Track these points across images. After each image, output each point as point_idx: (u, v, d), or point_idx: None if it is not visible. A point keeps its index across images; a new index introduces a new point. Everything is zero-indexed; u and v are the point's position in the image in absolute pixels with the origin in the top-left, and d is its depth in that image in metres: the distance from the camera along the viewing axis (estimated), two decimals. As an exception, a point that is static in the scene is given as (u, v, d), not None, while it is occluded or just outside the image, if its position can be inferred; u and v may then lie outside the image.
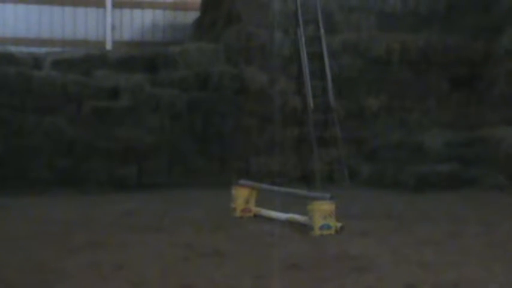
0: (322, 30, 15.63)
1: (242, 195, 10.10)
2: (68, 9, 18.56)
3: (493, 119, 15.11)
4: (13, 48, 16.09)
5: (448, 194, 12.49)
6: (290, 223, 9.21)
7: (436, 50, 15.84)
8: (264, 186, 10.67)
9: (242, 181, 10.48)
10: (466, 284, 6.21)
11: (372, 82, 15.59)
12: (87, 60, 15.23)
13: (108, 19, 18.62)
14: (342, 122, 15.08)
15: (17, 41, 17.84)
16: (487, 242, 8.07)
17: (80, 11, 18.63)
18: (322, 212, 8.56)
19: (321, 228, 8.54)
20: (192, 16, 18.45)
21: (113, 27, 18.66)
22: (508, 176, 13.20)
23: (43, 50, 16.73)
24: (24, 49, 16.84)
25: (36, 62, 15.02)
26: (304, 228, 8.74)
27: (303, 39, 15.41)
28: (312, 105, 14.96)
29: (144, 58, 15.56)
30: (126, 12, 18.96)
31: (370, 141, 15.25)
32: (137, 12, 19.01)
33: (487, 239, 8.29)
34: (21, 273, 6.70)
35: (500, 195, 12.41)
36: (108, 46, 18.46)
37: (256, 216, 9.99)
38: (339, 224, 8.64)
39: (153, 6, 19.12)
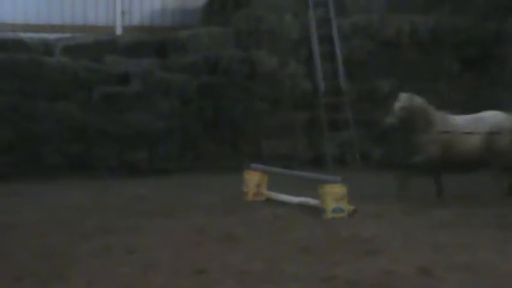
0: (332, 13, 15.54)
1: (254, 179, 10.11)
2: (78, -5, 18.48)
3: (504, 99, 15.01)
4: (24, 35, 16.06)
5: (460, 176, 12.42)
6: (302, 206, 9.21)
7: (446, 30, 15.69)
8: (276, 170, 10.68)
9: (253, 165, 10.48)
10: (478, 265, 6.20)
11: (383, 64, 15.48)
12: (97, 46, 15.26)
13: (118, 4, 18.48)
14: (352, 104, 15.01)
15: (27, 28, 17.76)
16: (499, 224, 8.04)
17: (90, -4, 18.54)
18: (334, 195, 8.56)
19: (333, 211, 8.54)
20: (201, 0, 18.32)
21: (123, 12, 18.57)
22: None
23: (53, 36, 16.68)
24: (34, 35, 16.80)
25: (47, 48, 15.07)
26: (316, 212, 8.74)
27: (313, 21, 15.32)
28: (322, 88, 14.91)
29: (154, 43, 15.56)
30: (136, -4, 18.86)
31: (382, 123, 15.16)
32: (146, -3, 18.89)
33: (499, 220, 8.26)
34: (34, 258, 6.74)
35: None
36: (118, 31, 18.37)
37: (268, 200, 10.00)
38: (351, 207, 8.63)
39: (162, -10, 19.00)
